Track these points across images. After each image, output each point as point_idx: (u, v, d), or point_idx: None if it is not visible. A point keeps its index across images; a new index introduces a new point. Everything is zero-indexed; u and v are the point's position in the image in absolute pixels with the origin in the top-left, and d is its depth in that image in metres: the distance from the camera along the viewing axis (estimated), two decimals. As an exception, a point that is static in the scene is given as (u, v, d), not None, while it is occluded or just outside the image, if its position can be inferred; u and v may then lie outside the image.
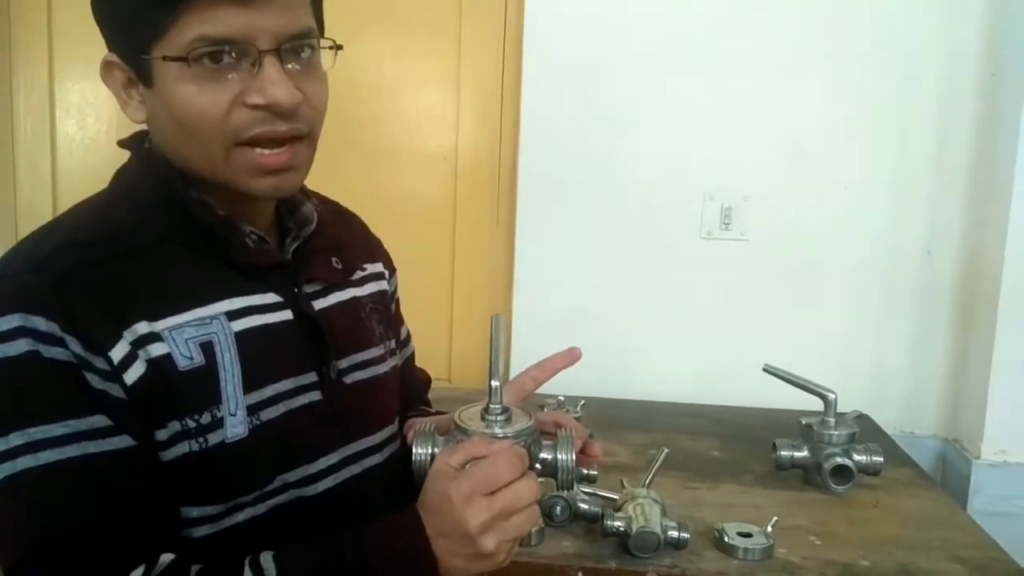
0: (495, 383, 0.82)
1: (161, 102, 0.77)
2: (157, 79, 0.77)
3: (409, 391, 1.07)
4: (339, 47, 0.83)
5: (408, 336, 1.12)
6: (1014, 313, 1.76)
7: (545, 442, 0.84)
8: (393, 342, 1.00)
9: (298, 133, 0.80)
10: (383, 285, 1.02)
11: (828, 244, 1.96)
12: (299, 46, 0.78)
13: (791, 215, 1.95)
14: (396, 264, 1.07)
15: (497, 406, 0.82)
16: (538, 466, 0.83)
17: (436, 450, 0.81)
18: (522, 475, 0.76)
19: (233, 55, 0.75)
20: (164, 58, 0.74)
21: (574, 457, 0.83)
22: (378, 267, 1.02)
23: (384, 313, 0.99)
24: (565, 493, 1.27)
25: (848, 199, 1.94)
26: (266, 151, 0.78)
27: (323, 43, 0.82)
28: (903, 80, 1.89)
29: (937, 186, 1.91)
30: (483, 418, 0.82)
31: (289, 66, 0.77)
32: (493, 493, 0.74)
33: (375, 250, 1.04)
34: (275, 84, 0.76)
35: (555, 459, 0.83)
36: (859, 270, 1.96)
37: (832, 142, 1.93)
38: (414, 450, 0.81)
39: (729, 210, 1.95)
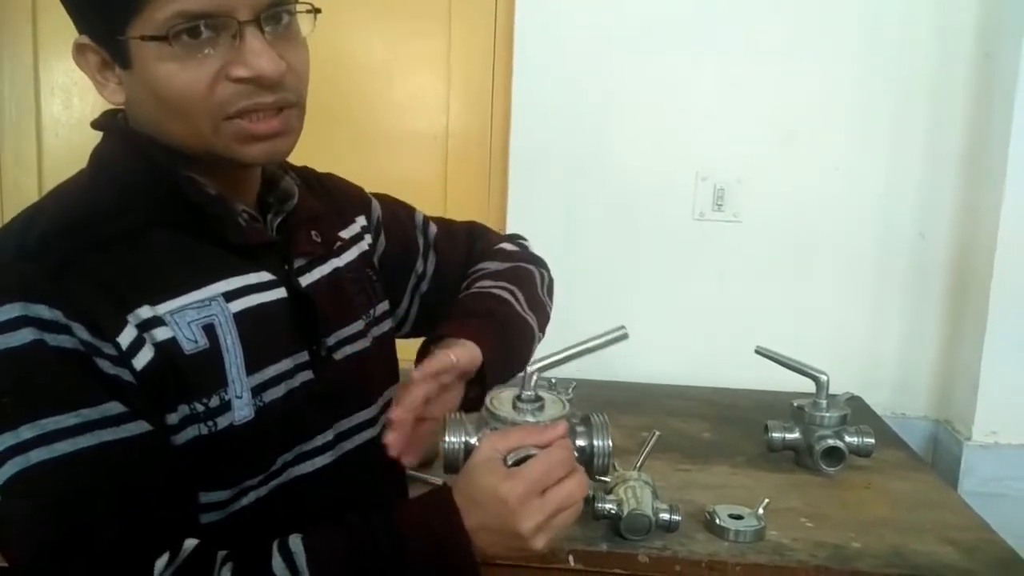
0: (529, 369, 0.81)
1: (141, 82, 0.76)
2: (135, 60, 0.75)
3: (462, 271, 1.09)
4: (317, 10, 0.81)
5: (424, 220, 1.11)
6: (1006, 295, 1.76)
7: (579, 428, 0.83)
8: (373, 311, 0.98)
9: (286, 103, 0.79)
10: (364, 245, 1.01)
11: (821, 226, 1.95)
12: (277, 13, 0.77)
13: (784, 197, 1.94)
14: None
15: (530, 393, 0.81)
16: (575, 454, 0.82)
17: (468, 439, 0.80)
18: (572, 471, 0.76)
19: (212, 29, 0.73)
20: (142, 38, 0.73)
21: (610, 443, 0.82)
22: (353, 229, 1.01)
23: (364, 282, 0.98)
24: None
25: (841, 181, 1.93)
26: (256, 119, 0.77)
27: (300, 7, 0.80)
28: (897, 62, 1.88)
29: (930, 168, 1.91)
30: (515, 406, 0.81)
31: (268, 32, 0.76)
32: (544, 492, 0.74)
33: (346, 210, 1.02)
34: (258, 55, 0.74)
35: (591, 445, 0.82)
36: (852, 252, 1.95)
37: (825, 124, 1.91)
38: (446, 438, 0.81)
39: (722, 191, 1.94)
